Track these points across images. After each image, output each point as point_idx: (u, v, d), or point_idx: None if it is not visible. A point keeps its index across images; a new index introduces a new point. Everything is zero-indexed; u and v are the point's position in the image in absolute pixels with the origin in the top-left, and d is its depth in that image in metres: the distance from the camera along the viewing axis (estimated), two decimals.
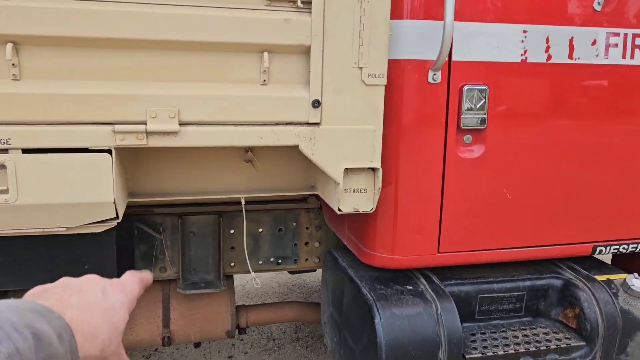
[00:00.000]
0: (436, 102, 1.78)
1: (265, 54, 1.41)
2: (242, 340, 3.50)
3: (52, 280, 0.90)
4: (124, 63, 1.34)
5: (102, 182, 1.35)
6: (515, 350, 1.88)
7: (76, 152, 1.33)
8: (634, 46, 1.93)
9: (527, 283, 2.06)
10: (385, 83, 1.52)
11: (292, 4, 1.41)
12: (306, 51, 1.43)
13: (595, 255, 2.15)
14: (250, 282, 4.11)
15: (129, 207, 1.80)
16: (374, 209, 1.62)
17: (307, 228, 2.51)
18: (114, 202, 1.38)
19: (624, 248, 2.11)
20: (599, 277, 2.07)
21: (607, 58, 1.91)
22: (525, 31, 1.82)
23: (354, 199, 1.58)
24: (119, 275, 2.04)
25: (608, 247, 2.09)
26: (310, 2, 1.40)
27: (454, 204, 1.88)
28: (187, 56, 1.37)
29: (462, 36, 1.76)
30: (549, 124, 1.91)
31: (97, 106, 1.31)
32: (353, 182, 1.57)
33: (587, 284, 2.02)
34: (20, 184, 1.30)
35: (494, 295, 2.03)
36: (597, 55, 1.90)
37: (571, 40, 1.86)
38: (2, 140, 1.26)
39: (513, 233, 1.98)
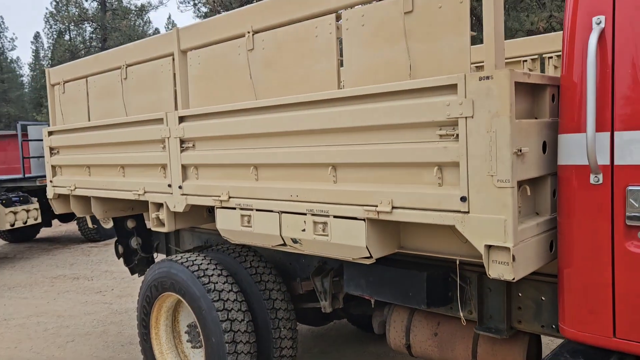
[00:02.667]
0: (600, 201, 2.05)
1: (435, 168, 2.30)
2: None
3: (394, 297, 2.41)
4: (368, 175, 2.56)
5: (359, 235, 2.59)
6: None
7: (350, 219, 2.63)
8: None
9: None
10: (513, 186, 2.06)
11: (451, 136, 2.25)
12: (458, 165, 2.22)
13: None
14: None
15: (445, 260, 2.88)
16: (515, 279, 2.10)
17: None
18: (367, 247, 2.58)
19: None
20: None
21: None
22: None
23: (500, 269, 2.15)
24: (428, 305, 3.23)
25: None
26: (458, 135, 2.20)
27: (627, 292, 2.01)
28: (395, 170, 2.44)
29: (623, 143, 1.99)
30: None
31: (358, 197, 2.59)
32: (498, 256, 2.14)
33: None
34: (332, 232, 2.72)
35: None
36: None
37: None
38: (323, 212, 2.72)
39: None
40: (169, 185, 3.72)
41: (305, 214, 2.86)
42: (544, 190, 2.37)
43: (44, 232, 13.85)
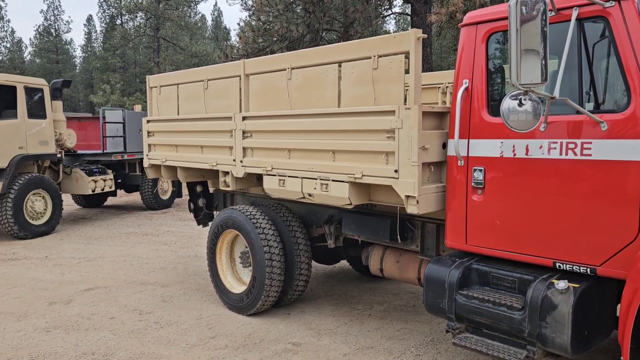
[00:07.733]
0: (462, 174, 4.01)
1: (384, 154, 4.29)
2: None
3: (371, 235, 4.51)
4: (351, 157, 4.57)
5: (345, 191, 4.60)
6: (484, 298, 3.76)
7: (341, 182, 4.65)
8: (567, 148, 3.44)
9: (517, 275, 3.76)
10: (419, 165, 4.02)
11: (392, 138, 4.23)
12: (394, 153, 4.20)
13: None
14: None
15: (404, 214, 4.87)
16: (419, 213, 4.07)
17: None
18: (349, 198, 4.58)
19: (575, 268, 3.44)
20: (554, 280, 3.51)
21: (549, 154, 3.52)
22: (502, 142, 3.76)
23: (412, 208, 4.13)
24: (390, 240, 5.33)
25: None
26: None
27: (471, 220, 3.98)
28: (364, 155, 4.44)
29: (472, 145, 3.94)
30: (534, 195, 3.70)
31: (345, 169, 4.60)
32: (411, 201, 4.12)
33: (540, 282, 3.56)
34: (330, 189, 4.73)
35: (498, 275, 3.86)
36: (542, 153, 3.55)
37: (527, 146, 3.63)
38: (326, 178, 4.74)
39: (513, 242, 3.79)
40: (234, 160, 5.83)
41: (316, 179, 4.89)
42: (445, 168, 4.33)
43: (110, 201, 16.35)
